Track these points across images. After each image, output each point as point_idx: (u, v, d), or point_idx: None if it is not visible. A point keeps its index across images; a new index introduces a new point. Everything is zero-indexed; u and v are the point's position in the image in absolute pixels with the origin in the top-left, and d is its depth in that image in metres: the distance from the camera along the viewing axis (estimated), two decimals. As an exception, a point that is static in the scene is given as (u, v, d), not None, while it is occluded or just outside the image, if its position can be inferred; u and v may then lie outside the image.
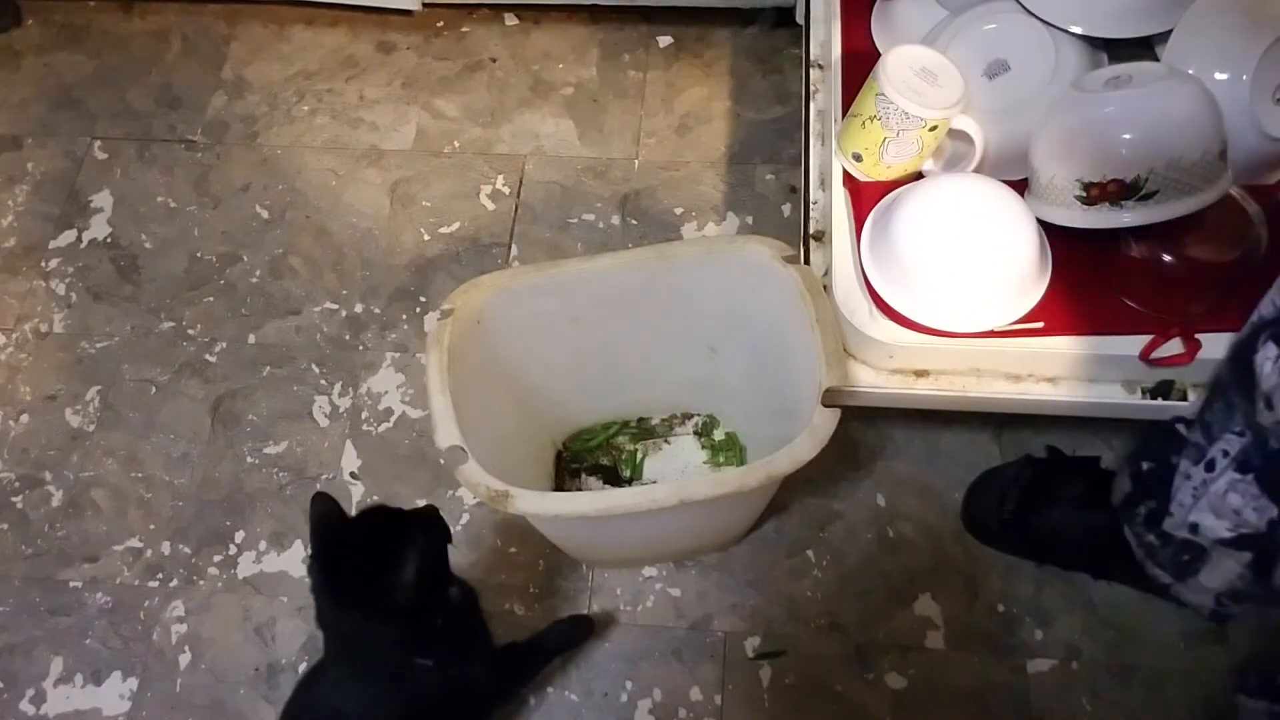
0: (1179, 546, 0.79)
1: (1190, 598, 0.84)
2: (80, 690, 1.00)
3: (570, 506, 0.77)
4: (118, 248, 1.25)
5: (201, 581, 1.05)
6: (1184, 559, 0.80)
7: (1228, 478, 0.72)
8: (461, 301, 0.83)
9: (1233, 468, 0.72)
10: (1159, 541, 0.81)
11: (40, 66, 1.41)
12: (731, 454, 1.05)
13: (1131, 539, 0.85)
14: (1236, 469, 0.72)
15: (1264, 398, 0.66)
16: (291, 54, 1.39)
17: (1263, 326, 0.68)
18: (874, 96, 0.84)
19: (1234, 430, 0.71)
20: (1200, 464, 0.74)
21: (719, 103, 1.31)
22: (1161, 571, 0.83)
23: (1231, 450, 0.72)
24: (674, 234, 1.22)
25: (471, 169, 1.28)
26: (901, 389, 0.86)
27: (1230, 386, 0.71)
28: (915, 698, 0.94)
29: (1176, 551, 0.80)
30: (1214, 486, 0.73)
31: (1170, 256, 0.79)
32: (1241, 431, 0.71)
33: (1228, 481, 0.72)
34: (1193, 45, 0.82)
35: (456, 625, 0.77)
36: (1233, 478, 0.72)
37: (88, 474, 1.11)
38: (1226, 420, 0.72)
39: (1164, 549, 0.81)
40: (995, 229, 0.80)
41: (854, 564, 1.01)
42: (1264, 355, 0.66)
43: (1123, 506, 0.85)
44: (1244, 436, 0.71)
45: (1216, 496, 0.73)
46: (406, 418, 1.12)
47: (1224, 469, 0.72)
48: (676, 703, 0.96)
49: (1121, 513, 0.85)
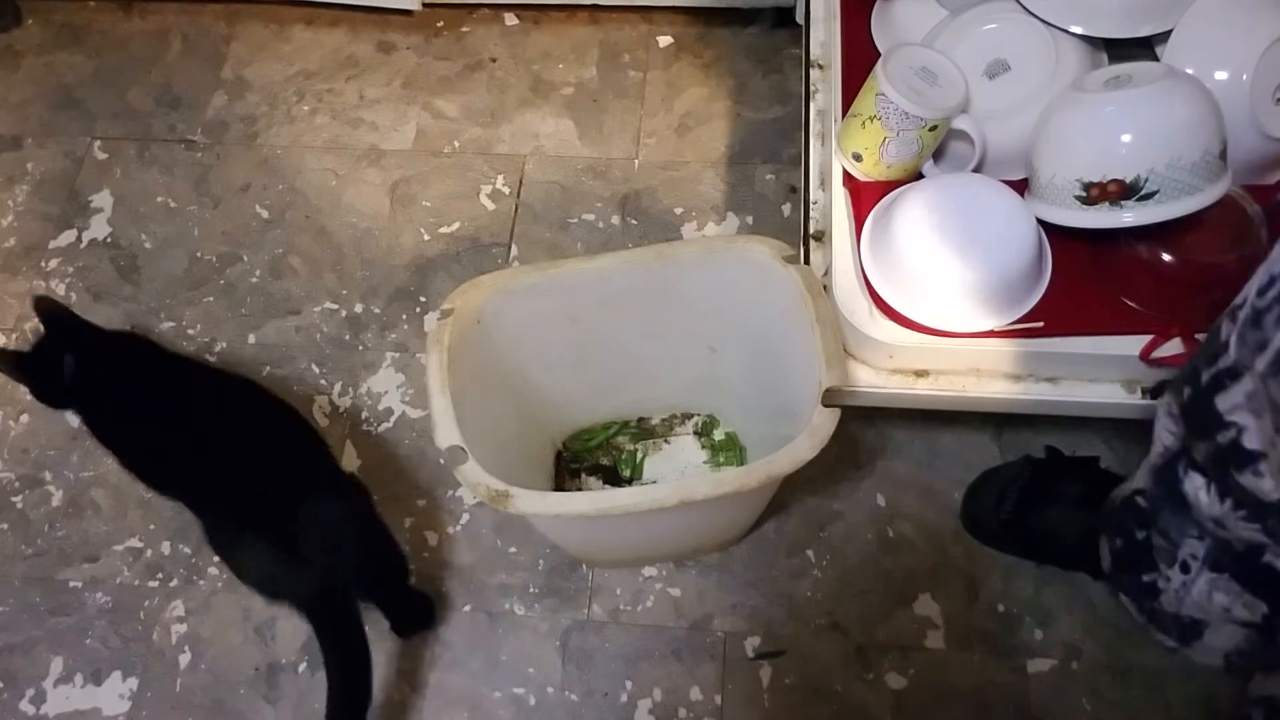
0: (1176, 616, 0.79)
1: (1199, 659, 0.83)
2: (80, 690, 1.00)
3: (570, 506, 0.77)
4: (118, 248, 1.25)
5: (201, 581, 1.05)
6: (1186, 623, 0.79)
7: (1206, 578, 0.72)
8: (461, 301, 0.83)
9: (1207, 567, 0.71)
10: (1156, 611, 0.80)
11: (40, 66, 1.41)
12: (731, 454, 1.05)
13: (1130, 606, 0.84)
14: (1211, 568, 0.71)
15: (1212, 521, 0.66)
16: (291, 54, 1.39)
17: (1175, 456, 0.68)
18: (874, 96, 0.84)
19: (1191, 535, 0.71)
20: (1175, 566, 0.74)
21: (719, 103, 1.31)
22: (1165, 637, 0.82)
23: (1198, 553, 0.71)
24: (674, 234, 1.22)
25: (471, 169, 1.28)
26: (901, 389, 0.86)
27: (1169, 503, 0.71)
28: (915, 698, 0.94)
29: (1175, 619, 0.79)
30: (1195, 588, 0.73)
31: (1170, 256, 0.78)
32: (1200, 536, 0.70)
33: (1207, 581, 0.72)
34: (1193, 45, 0.82)
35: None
36: (1211, 577, 0.72)
37: (88, 474, 1.11)
38: (1181, 527, 0.71)
39: (1164, 618, 0.80)
40: (995, 229, 0.80)
41: (854, 564, 1.01)
42: (1192, 485, 0.66)
43: (1112, 576, 0.85)
44: (1204, 540, 0.70)
45: (1201, 596, 0.73)
46: (406, 418, 1.12)
47: (1199, 570, 0.72)
48: (676, 703, 0.96)
49: (1113, 581, 0.85)
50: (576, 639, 0.99)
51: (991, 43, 0.89)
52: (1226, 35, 0.81)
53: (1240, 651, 0.79)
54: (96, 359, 0.89)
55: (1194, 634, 0.79)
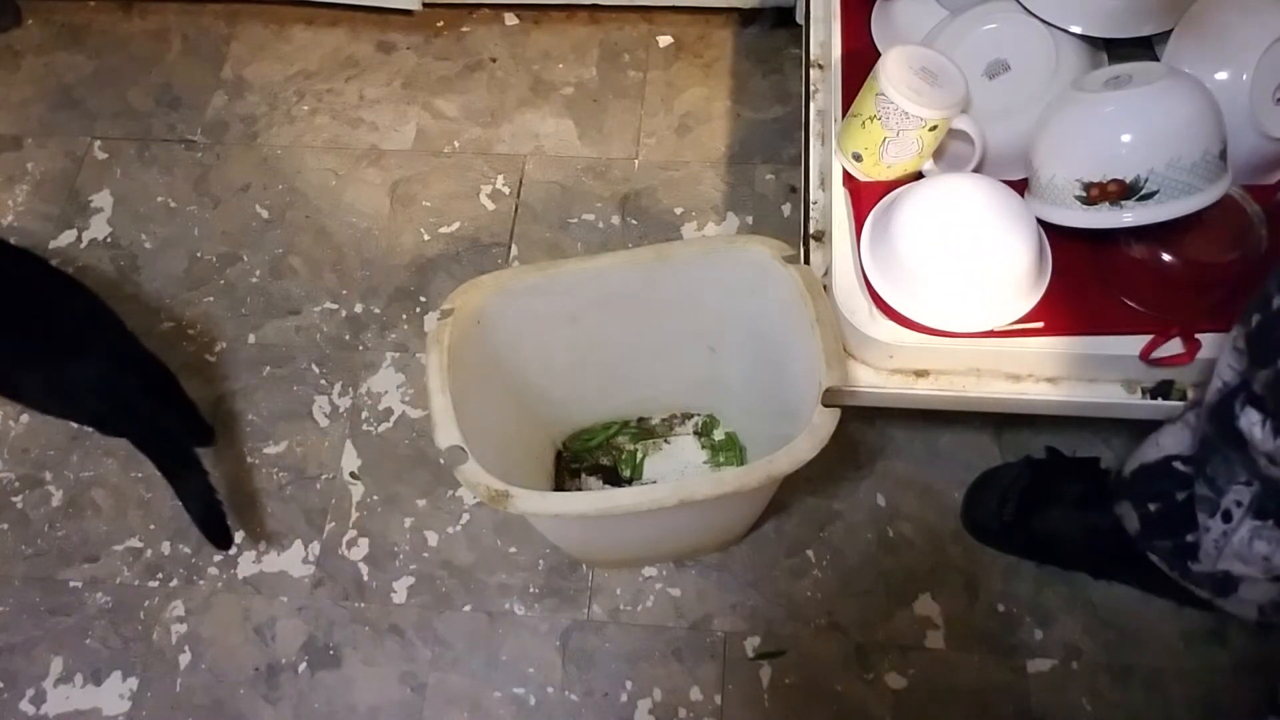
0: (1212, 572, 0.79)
1: (1233, 610, 0.83)
2: (80, 690, 1.00)
3: (570, 506, 0.77)
4: (118, 247, 1.25)
5: (201, 581, 1.05)
6: (1220, 577, 0.79)
7: (1249, 526, 0.71)
8: (461, 301, 0.83)
9: (1251, 515, 0.71)
10: (1190, 570, 0.80)
11: (40, 66, 1.41)
12: (731, 454, 1.05)
13: (1161, 565, 0.84)
14: (1255, 516, 0.71)
15: (1265, 457, 0.66)
16: (291, 54, 1.39)
17: (1233, 392, 0.68)
18: (874, 96, 0.84)
19: (1240, 481, 0.71)
20: (1216, 515, 0.73)
21: (719, 103, 1.31)
22: (1201, 590, 0.82)
23: (1244, 500, 0.71)
24: (674, 234, 1.22)
25: (471, 169, 1.28)
26: (901, 389, 0.86)
27: (1222, 444, 0.71)
28: (915, 698, 0.94)
29: (1211, 575, 0.79)
30: (1236, 536, 0.73)
31: (1170, 256, 0.78)
32: (1248, 481, 0.70)
33: (1250, 530, 0.72)
34: (1193, 45, 0.82)
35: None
36: (1254, 525, 0.71)
37: (88, 474, 1.11)
38: (1230, 473, 0.71)
39: (1199, 575, 0.80)
40: (995, 229, 0.80)
41: (854, 564, 1.01)
42: (1248, 420, 0.66)
43: (1140, 539, 0.85)
44: (1252, 486, 0.70)
45: (1242, 545, 0.73)
46: (406, 418, 1.12)
47: (1241, 518, 0.72)
48: (676, 703, 0.96)
49: (1140, 543, 0.85)
50: (576, 639, 0.99)
51: (991, 43, 0.89)
52: (1226, 35, 0.81)
53: (1275, 604, 0.79)
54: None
55: (1229, 588, 0.79)
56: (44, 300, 0.95)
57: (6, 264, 0.98)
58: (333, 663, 1.00)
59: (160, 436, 0.97)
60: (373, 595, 1.03)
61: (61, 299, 0.97)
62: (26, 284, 0.96)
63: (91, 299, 0.99)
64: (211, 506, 0.96)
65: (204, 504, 0.96)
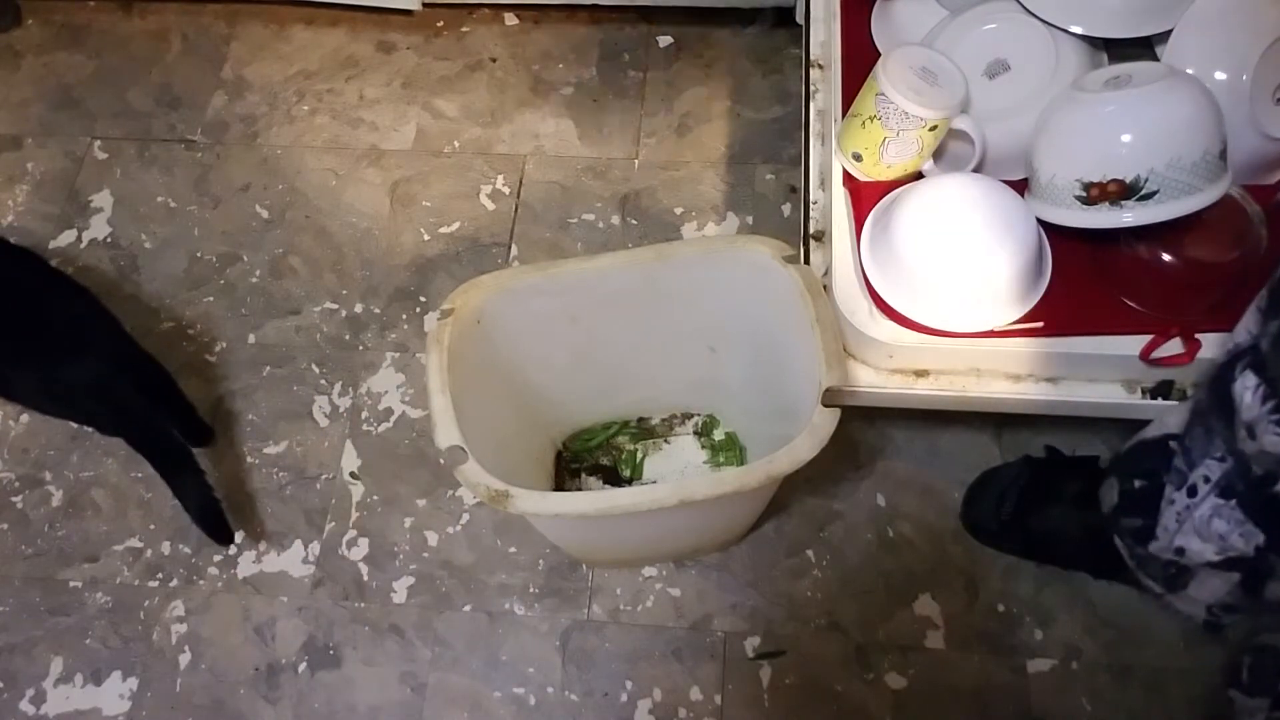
0: (1167, 563, 0.79)
1: (1182, 608, 0.83)
2: (80, 690, 1.00)
3: (570, 506, 0.77)
4: (118, 247, 1.25)
5: (201, 581, 1.05)
6: (1172, 572, 0.80)
7: (1210, 503, 0.72)
8: (461, 301, 0.83)
9: (1215, 493, 0.71)
10: (1147, 556, 0.81)
11: (40, 66, 1.41)
12: (731, 454, 1.05)
13: (1123, 549, 0.85)
14: (1219, 494, 0.71)
15: (1245, 426, 0.66)
16: (291, 54, 1.39)
17: (1240, 354, 0.67)
18: (874, 96, 0.84)
19: (1215, 456, 0.71)
20: (1182, 489, 0.74)
21: (719, 103, 1.31)
22: (1153, 582, 0.83)
23: (1213, 476, 0.71)
24: (674, 234, 1.22)
25: (471, 169, 1.28)
26: (901, 389, 0.86)
27: (1210, 412, 0.71)
28: (915, 698, 0.94)
29: (1165, 565, 0.80)
30: (1198, 512, 0.73)
31: (1170, 256, 0.78)
32: (1223, 457, 0.70)
33: (1211, 507, 0.72)
34: (1193, 45, 0.82)
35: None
36: (1216, 503, 0.72)
37: (88, 474, 1.11)
38: (1207, 445, 0.72)
39: (1153, 563, 0.81)
40: (995, 229, 0.80)
41: (854, 564, 1.01)
42: (1243, 384, 0.66)
43: (1110, 517, 0.85)
44: (1225, 462, 0.70)
45: (1201, 522, 0.73)
46: (406, 418, 1.12)
47: (1206, 494, 0.72)
48: (676, 703, 0.96)
49: (1109, 523, 0.85)
50: (576, 639, 0.99)
51: (991, 43, 0.89)
52: (1226, 35, 0.81)
53: (1223, 605, 0.79)
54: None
55: (1180, 583, 0.80)
56: (41, 300, 0.95)
57: (5, 264, 0.98)
58: (333, 663, 1.00)
59: (156, 438, 0.97)
60: (373, 595, 1.03)
61: (59, 300, 0.97)
62: (24, 284, 0.96)
63: (89, 300, 0.99)
64: (209, 504, 0.97)
65: (201, 503, 0.97)
